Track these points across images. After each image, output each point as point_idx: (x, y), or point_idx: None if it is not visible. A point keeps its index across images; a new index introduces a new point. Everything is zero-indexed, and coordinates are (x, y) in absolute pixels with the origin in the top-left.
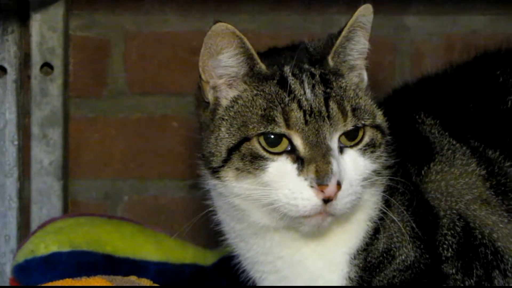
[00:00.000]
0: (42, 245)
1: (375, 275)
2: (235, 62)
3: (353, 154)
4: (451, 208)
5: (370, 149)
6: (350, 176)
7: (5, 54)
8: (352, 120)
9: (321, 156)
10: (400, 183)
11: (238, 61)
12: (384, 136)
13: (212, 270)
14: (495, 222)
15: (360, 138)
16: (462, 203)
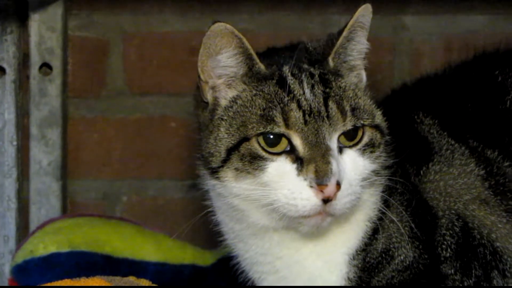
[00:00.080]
0: (41, 245)
1: (374, 276)
2: (234, 62)
3: (352, 154)
4: (450, 208)
5: (369, 149)
6: (350, 176)
7: (4, 54)
8: (351, 120)
9: (320, 156)
10: (399, 183)
11: (237, 61)
12: (383, 136)
13: (211, 270)
14: (494, 222)
15: (359, 138)
16: (460, 203)
